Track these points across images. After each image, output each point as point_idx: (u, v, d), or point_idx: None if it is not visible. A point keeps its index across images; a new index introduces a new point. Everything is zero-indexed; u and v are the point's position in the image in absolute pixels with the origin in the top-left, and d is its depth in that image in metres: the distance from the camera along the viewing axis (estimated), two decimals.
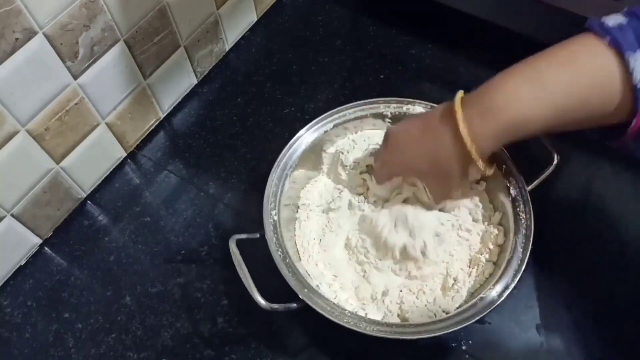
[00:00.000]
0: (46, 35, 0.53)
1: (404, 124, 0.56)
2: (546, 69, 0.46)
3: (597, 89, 0.45)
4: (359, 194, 0.61)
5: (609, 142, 0.49)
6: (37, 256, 0.64)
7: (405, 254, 0.55)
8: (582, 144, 0.67)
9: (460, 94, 0.49)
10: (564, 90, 0.45)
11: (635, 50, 0.42)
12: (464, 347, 0.55)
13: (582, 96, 0.45)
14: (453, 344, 0.55)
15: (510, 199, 0.56)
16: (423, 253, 0.55)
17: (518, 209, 0.55)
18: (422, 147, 0.52)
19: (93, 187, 0.68)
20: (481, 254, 0.56)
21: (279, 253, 0.54)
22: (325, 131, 0.62)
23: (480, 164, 0.49)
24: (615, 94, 0.44)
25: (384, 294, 0.55)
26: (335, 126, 0.62)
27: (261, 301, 0.49)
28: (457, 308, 0.52)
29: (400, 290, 0.55)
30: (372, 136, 0.64)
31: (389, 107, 0.63)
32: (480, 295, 0.51)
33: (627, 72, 0.43)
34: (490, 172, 0.52)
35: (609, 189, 0.64)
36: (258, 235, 0.55)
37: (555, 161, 0.56)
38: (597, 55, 0.44)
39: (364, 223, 0.58)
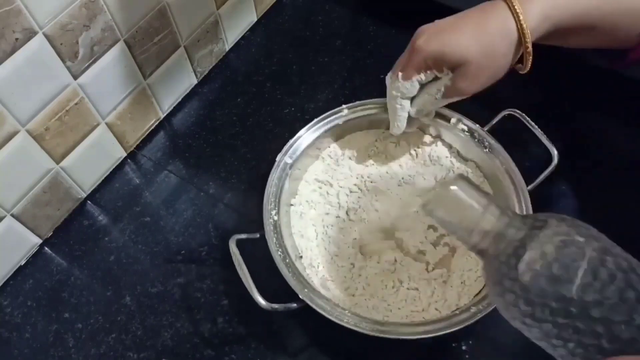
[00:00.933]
0: (46, 35, 0.53)
1: (437, 21, 0.52)
2: None
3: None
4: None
5: (614, 65, 0.50)
6: (37, 256, 0.64)
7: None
8: (582, 144, 0.67)
9: None
10: None
11: None
12: (464, 347, 0.55)
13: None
14: (453, 344, 0.55)
15: (510, 198, 0.56)
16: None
17: (518, 209, 0.55)
18: (470, 33, 0.48)
19: (93, 187, 0.68)
20: None
21: (279, 253, 0.54)
22: (325, 131, 0.62)
23: (529, 42, 0.47)
24: None
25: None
26: (334, 126, 0.63)
27: (261, 301, 0.49)
28: (455, 310, 0.52)
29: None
30: None
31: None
32: (480, 296, 0.51)
33: None
34: (526, 68, 0.50)
35: (609, 189, 0.64)
36: (258, 235, 0.55)
37: (555, 161, 0.56)
38: None
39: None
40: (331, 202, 0.62)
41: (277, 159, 0.60)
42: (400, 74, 0.54)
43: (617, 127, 0.68)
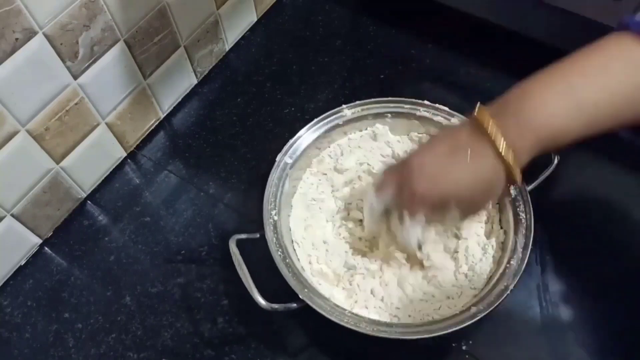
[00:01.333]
0: (46, 35, 0.53)
1: (423, 151, 0.50)
2: (580, 82, 0.43)
3: (636, 98, 0.43)
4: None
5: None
6: (37, 256, 0.64)
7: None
8: (582, 144, 0.67)
9: (479, 106, 0.46)
10: (599, 104, 0.43)
11: None
12: (464, 347, 0.55)
13: (618, 107, 0.43)
14: (453, 344, 0.55)
15: (510, 199, 0.56)
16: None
17: (518, 209, 0.55)
18: (458, 172, 0.46)
19: (93, 187, 0.68)
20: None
21: (279, 253, 0.54)
22: (325, 131, 0.62)
23: (519, 178, 0.46)
24: None
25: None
26: (334, 126, 0.63)
27: (261, 301, 0.49)
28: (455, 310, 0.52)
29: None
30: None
31: (388, 107, 0.63)
32: (480, 296, 0.51)
33: None
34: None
35: (609, 189, 0.64)
36: (258, 235, 0.55)
37: (555, 161, 0.56)
38: (635, 60, 0.42)
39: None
40: (331, 201, 0.62)
41: (277, 159, 0.60)
42: (406, 215, 0.50)
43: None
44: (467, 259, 0.56)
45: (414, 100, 0.63)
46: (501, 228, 0.57)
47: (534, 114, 0.44)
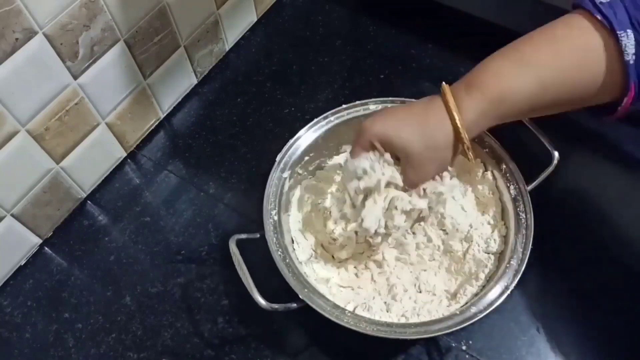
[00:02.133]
0: (46, 35, 0.53)
1: (384, 111, 0.55)
2: (530, 50, 0.47)
3: (585, 66, 0.45)
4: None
5: (601, 119, 0.50)
6: (37, 256, 0.64)
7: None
8: (582, 144, 0.67)
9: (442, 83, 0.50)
10: (548, 65, 0.46)
11: (627, 27, 0.43)
12: (463, 347, 0.55)
13: (567, 73, 0.46)
14: (453, 344, 0.55)
15: (510, 199, 0.56)
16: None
17: (518, 209, 0.55)
18: (413, 127, 0.50)
19: (93, 187, 0.68)
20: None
21: (279, 253, 0.54)
22: (326, 131, 0.62)
23: (466, 138, 0.48)
24: (604, 72, 0.44)
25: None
26: (335, 126, 0.62)
27: (261, 301, 0.49)
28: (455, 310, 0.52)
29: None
30: None
31: (388, 107, 0.63)
32: (480, 296, 0.51)
33: (617, 49, 0.43)
34: (472, 160, 0.52)
35: (609, 189, 0.64)
36: (258, 235, 0.55)
37: (555, 161, 0.56)
38: (585, 34, 0.44)
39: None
40: (331, 199, 0.62)
41: (277, 159, 0.60)
42: (348, 152, 0.55)
43: (618, 127, 0.68)
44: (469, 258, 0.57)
45: (414, 100, 0.63)
46: (504, 224, 0.57)
47: (482, 75, 0.48)
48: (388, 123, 0.51)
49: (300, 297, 0.51)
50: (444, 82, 0.50)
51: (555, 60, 0.46)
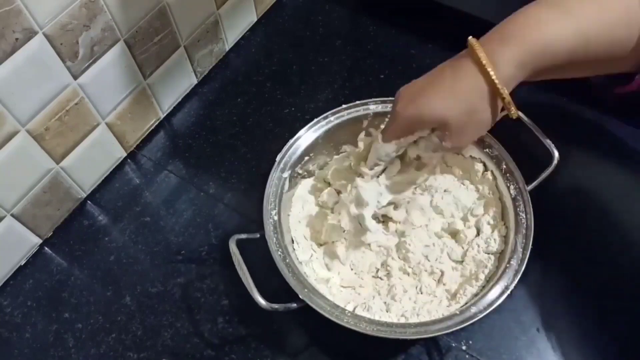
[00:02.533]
0: (46, 35, 0.53)
1: (414, 81, 0.52)
2: (574, 2, 0.45)
3: (628, 23, 0.44)
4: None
5: (617, 90, 0.49)
6: (37, 256, 0.64)
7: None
8: (582, 144, 0.67)
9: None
10: (593, 18, 0.44)
11: None
12: (463, 347, 0.55)
13: (611, 28, 0.45)
14: (453, 344, 0.55)
15: (510, 199, 0.56)
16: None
17: (518, 209, 0.55)
18: (445, 96, 0.48)
19: (93, 187, 0.68)
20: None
21: (279, 253, 0.54)
22: (326, 131, 0.62)
23: (505, 93, 0.46)
24: None
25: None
26: (335, 126, 0.62)
27: (261, 301, 0.49)
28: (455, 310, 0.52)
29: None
30: None
31: (388, 107, 0.63)
32: (480, 296, 0.51)
33: None
34: (515, 113, 0.49)
35: (609, 189, 0.64)
36: (258, 235, 0.55)
37: (555, 161, 0.56)
38: None
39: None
40: (331, 200, 0.62)
41: (277, 159, 0.60)
42: (380, 136, 0.54)
43: (618, 127, 0.68)
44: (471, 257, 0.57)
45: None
46: (504, 224, 0.57)
47: (521, 25, 0.45)
48: (419, 102, 0.49)
49: (300, 297, 0.51)
50: (470, 37, 0.47)
51: (601, 14, 0.44)
